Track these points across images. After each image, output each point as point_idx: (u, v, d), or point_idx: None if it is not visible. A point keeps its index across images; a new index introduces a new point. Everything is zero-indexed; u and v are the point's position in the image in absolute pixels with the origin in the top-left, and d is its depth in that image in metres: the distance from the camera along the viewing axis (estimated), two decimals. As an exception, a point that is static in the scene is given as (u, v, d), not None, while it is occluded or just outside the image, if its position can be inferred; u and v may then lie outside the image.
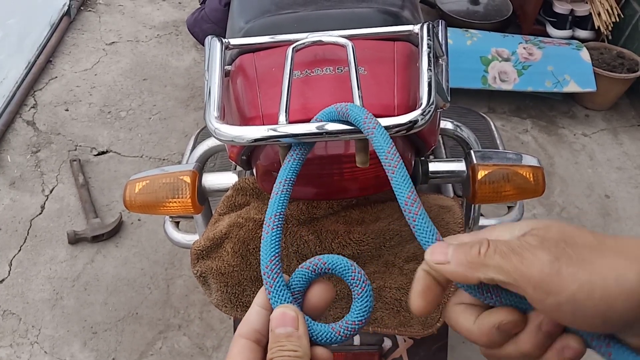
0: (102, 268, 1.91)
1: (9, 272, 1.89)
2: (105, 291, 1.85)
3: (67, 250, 1.96)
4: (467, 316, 0.39)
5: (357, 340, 1.07)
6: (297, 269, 0.44)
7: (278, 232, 0.46)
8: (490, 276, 0.35)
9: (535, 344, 0.37)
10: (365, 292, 0.42)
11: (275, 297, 0.43)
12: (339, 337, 0.42)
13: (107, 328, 1.76)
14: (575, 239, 0.34)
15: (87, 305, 1.81)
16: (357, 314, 0.42)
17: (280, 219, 0.47)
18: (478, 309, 0.39)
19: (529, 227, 0.37)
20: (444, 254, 0.38)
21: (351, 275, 0.42)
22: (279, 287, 0.43)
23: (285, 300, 0.42)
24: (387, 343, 1.08)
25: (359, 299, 0.42)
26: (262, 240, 0.45)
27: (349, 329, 0.42)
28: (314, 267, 0.43)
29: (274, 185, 0.50)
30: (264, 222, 0.47)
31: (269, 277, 0.43)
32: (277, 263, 0.44)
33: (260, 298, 0.44)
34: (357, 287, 0.42)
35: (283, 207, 0.48)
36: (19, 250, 1.95)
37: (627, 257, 0.33)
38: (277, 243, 0.45)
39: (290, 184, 0.51)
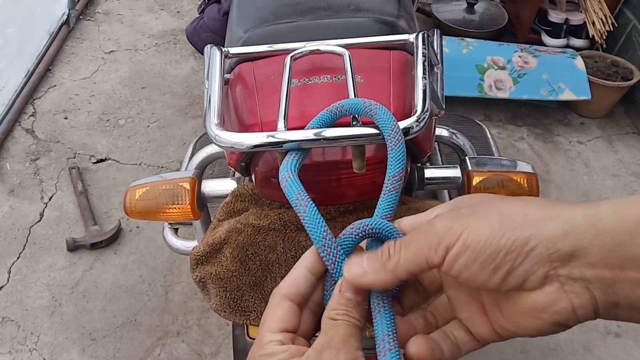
0: (100, 275, 1.92)
1: (8, 279, 1.90)
2: (104, 298, 1.85)
3: (65, 257, 1.97)
4: None
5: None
6: (343, 236, 0.43)
7: (315, 209, 0.45)
8: (405, 270, 0.38)
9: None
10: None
11: (338, 269, 0.42)
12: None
13: (106, 335, 1.76)
14: (474, 199, 0.38)
15: (86, 312, 1.82)
16: None
17: (308, 198, 0.46)
18: None
19: (447, 207, 0.40)
20: (360, 267, 0.39)
21: (396, 231, 0.43)
22: (340, 259, 0.42)
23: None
24: (384, 347, 1.09)
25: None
26: (304, 219, 0.44)
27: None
28: (360, 232, 0.43)
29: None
30: (294, 206, 0.46)
31: (327, 254, 0.42)
32: (331, 236, 0.43)
33: (308, 261, 0.43)
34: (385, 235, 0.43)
35: (298, 166, 0.50)
36: (18, 257, 1.96)
37: (513, 204, 0.36)
38: (320, 218, 0.44)
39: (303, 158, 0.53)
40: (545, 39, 2.84)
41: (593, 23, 2.68)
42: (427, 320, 0.44)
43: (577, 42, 2.80)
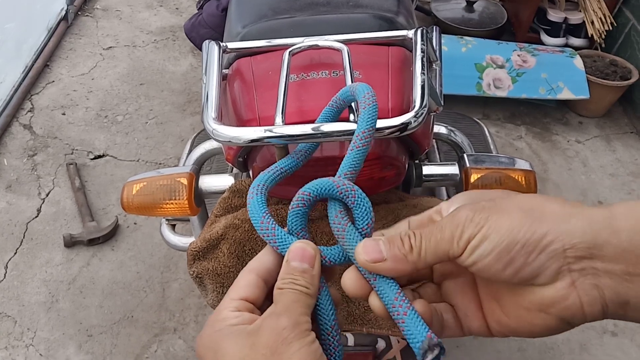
0: (97, 271, 1.92)
1: (5, 275, 1.89)
2: (100, 294, 1.85)
3: (63, 253, 1.96)
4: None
5: (351, 341, 1.08)
6: (289, 212, 0.44)
7: (262, 197, 0.46)
8: (425, 263, 0.38)
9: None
10: (358, 198, 0.42)
11: (283, 246, 0.43)
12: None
13: (103, 331, 1.76)
14: (493, 194, 0.39)
15: (83, 308, 1.81)
16: (361, 221, 0.42)
17: (264, 190, 0.47)
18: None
19: (461, 202, 0.40)
20: (378, 252, 0.39)
21: (338, 190, 0.42)
22: (282, 237, 0.43)
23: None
24: (381, 344, 1.09)
25: (356, 207, 0.42)
26: (248, 206, 0.45)
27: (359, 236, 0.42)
28: (302, 202, 0.43)
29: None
30: (247, 193, 0.47)
31: (267, 235, 0.43)
32: (270, 218, 0.44)
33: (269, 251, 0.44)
34: (348, 197, 0.42)
35: (271, 182, 0.49)
36: (15, 253, 1.96)
37: (534, 199, 0.37)
38: (264, 204, 0.45)
39: (282, 173, 0.52)
40: (544, 38, 2.84)
41: (592, 22, 2.68)
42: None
43: (576, 41, 2.80)
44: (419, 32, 0.84)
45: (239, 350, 0.37)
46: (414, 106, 0.71)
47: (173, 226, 1.23)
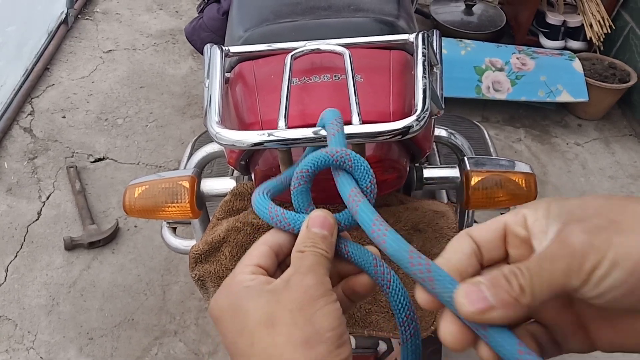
0: (98, 274, 1.92)
1: (6, 278, 1.89)
2: (101, 297, 1.85)
3: (63, 256, 1.96)
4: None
5: (352, 343, 1.08)
6: (292, 192, 0.44)
7: (266, 196, 0.46)
8: (540, 303, 0.32)
9: None
10: (355, 160, 0.42)
11: (295, 224, 0.42)
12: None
13: (103, 334, 1.76)
14: (592, 202, 0.33)
15: (83, 311, 1.81)
16: (363, 181, 0.42)
17: (267, 193, 0.47)
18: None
19: (556, 216, 0.34)
20: (483, 300, 0.32)
21: (334, 159, 0.43)
22: (293, 218, 0.43)
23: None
24: (382, 346, 1.09)
25: (355, 170, 0.42)
26: (253, 204, 0.45)
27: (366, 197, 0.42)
28: (303, 180, 0.43)
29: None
30: (251, 197, 0.47)
31: (279, 221, 0.43)
32: (276, 206, 0.44)
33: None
34: (345, 163, 0.42)
35: (274, 189, 0.49)
36: (15, 256, 1.96)
37: None
38: (268, 199, 0.45)
39: (286, 184, 0.51)
40: (543, 40, 2.84)
41: (591, 25, 2.69)
42: None
43: (575, 44, 2.81)
44: (420, 36, 0.84)
45: (263, 306, 0.37)
46: (416, 110, 0.71)
47: (174, 229, 1.23)
